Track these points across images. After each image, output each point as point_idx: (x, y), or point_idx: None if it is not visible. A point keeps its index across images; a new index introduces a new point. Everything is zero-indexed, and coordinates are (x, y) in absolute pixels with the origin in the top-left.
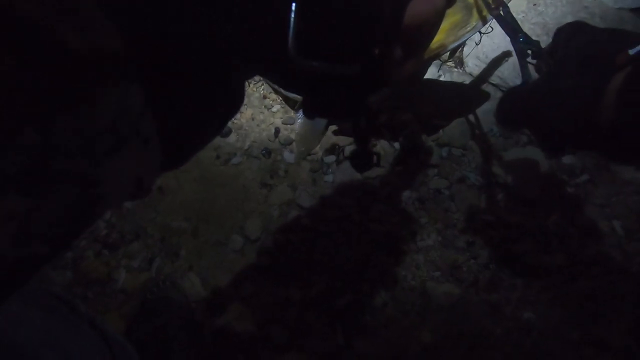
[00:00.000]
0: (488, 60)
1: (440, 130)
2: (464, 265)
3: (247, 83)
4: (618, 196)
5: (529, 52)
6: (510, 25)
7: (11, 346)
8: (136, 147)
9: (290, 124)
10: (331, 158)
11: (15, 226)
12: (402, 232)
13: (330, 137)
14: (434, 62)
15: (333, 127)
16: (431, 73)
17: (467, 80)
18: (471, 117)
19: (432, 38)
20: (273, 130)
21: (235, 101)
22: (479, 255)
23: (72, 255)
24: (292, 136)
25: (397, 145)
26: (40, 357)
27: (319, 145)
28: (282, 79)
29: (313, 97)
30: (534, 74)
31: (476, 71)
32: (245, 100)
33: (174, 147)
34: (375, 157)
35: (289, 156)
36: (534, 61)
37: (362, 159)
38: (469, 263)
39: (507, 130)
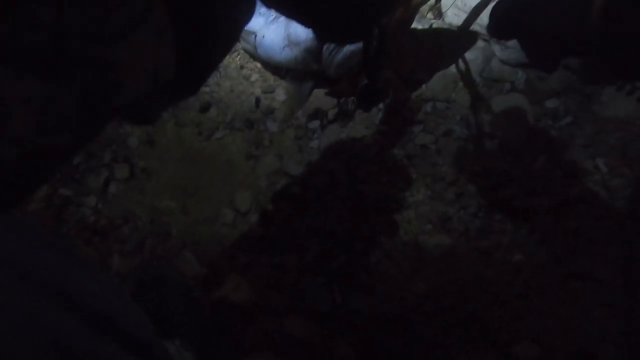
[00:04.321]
0: (468, 9)
1: (423, 85)
2: (454, 216)
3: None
4: (600, 134)
5: None
6: None
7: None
8: (149, 34)
9: (271, 92)
10: (315, 123)
11: (37, 112)
12: (391, 190)
13: (312, 101)
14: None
15: (320, 90)
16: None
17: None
18: (456, 65)
19: None
20: (254, 101)
21: (247, 8)
22: (468, 205)
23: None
24: (274, 104)
25: (381, 105)
26: (68, 290)
27: (300, 111)
28: (295, 4)
29: (327, 20)
30: None
31: (456, 21)
32: (223, 73)
33: (189, 46)
34: (384, 92)
35: (272, 125)
36: None
37: (372, 93)
38: (459, 214)
39: (499, 39)
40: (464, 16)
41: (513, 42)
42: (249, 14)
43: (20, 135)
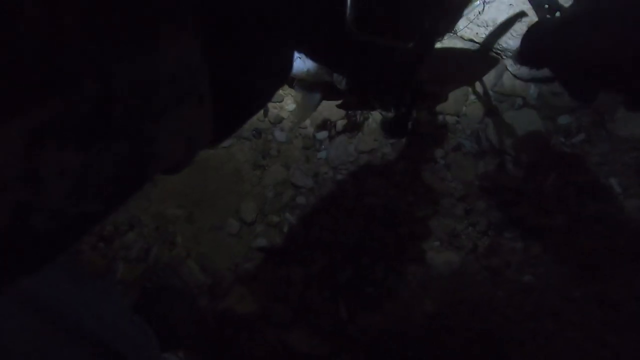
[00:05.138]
0: (481, 23)
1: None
2: (463, 233)
3: None
4: (614, 154)
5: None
6: None
7: (56, 317)
8: (191, 105)
9: (279, 102)
10: (323, 134)
11: (71, 182)
12: (399, 204)
13: (321, 112)
14: None
15: (332, 102)
16: None
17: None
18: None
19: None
20: (262, 110)
21: (285, 71)
22: (477, 222)
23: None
24: (282, 114)
25: (390, 115)
26: (75, 318)
27: (309, 121)
28: (331, 54)
29: (362, 73)
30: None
31: (468, 34)
32: None
33: (225, 110)
34: (411, 124)
35: (280, 135)
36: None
37: (400, 126)
38: (468, 230)
39: (529, 67)
40: (476, 30)
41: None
42: (285, 78)
43: (52, 206)
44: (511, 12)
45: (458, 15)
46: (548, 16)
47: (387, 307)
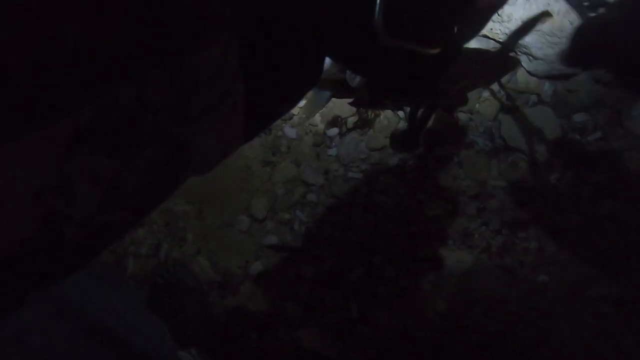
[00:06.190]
0: (503, 22)
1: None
2: (476, 232)
3: None
4: (630, 152)
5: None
6: None
7: (80, 316)
8: (227, 109)
9: None
10: (334, 131)
11: (102, 190)
12: (410, 202)
13: (331, 108)
14: None
15: (344, 100)
16: None
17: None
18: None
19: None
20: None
21: (314, 75)
22: (490, 221)
23: None
24: (293, 110)
25: (401, 114)
26: (91, 313)
27: (319, 117)
28: (358, 58)
29: (388, 77)
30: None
31: (488, 32)
32: None
33: (256, 114)
34: (421, 139)
35: (290, 131)
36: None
37: (411, 139)
38: (481, 229)
39: (574, 69)
40: (490, 25)
41: (542, 54)
42: (316, 80)
43: (83, 215)
44: (527, 6)
45: (486, 19)
46: (592, 14)
47: (399, 306)
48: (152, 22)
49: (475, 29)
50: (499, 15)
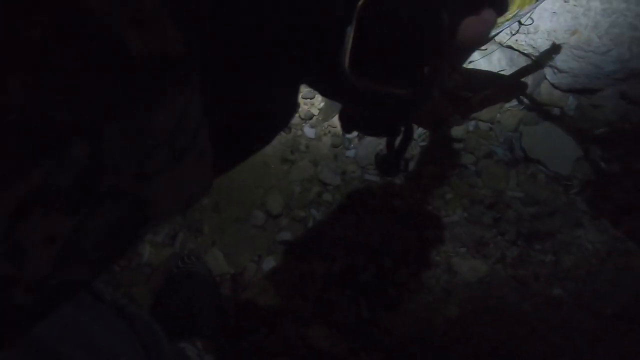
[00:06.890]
0: (529, 34)
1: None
2: (491, 242)
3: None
4: None
5: None
6: None
7: (36, 342)
8: (191, 160)
9: (310, 98)
10: (353, 133)
11: (56, 248)
12: (425, 207)
13: None
14: None
15: None
16: None
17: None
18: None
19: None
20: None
21: (288, 113)
22: (506, 232)
23: None
24: (313, 110)
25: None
26: (67, 352)
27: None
28: (329, 89)
29: (354, 112)
30: None
31: (515, 45)
32: None
33: (224, 158)
34: (403, 164)
35: (309, 131)
36: None
37: (392, 165)
38: (496, 239)
39: (599, 83)
40: (516, 36)
41: (567, 67)
42: (288, 120)
43: (35, 277)
44: (554, 19)
45: (465, 57)
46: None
47: (409, 310)
48: (107, 76)
49: (452, 67)
50: (524, 24)
